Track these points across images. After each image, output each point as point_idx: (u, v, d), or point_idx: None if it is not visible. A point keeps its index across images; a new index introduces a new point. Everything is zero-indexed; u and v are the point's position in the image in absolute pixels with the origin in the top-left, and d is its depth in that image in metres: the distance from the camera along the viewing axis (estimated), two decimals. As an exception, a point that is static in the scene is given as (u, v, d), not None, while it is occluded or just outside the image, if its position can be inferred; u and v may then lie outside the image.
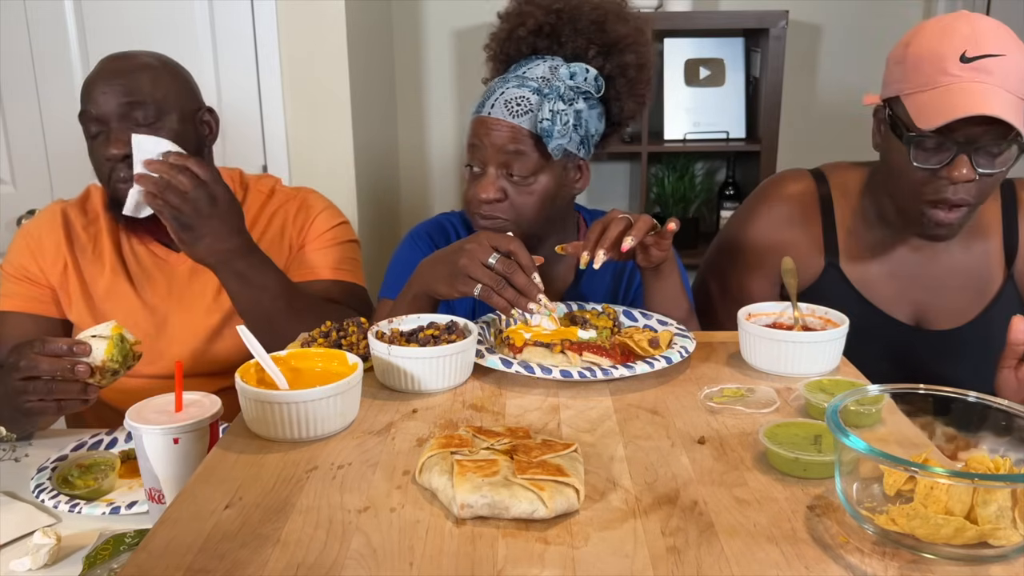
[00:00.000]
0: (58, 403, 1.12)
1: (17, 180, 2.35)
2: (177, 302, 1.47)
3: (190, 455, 0.97)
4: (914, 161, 1.20)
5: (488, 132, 1.31)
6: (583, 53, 1.33)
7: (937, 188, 1.20)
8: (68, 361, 1.09)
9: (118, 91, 1.34)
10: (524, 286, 1.12)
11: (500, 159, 1.31)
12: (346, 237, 1.58)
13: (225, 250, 1.28)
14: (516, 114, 1.30)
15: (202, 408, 1.00)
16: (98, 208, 1.50)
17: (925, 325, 1.40)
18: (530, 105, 1.29)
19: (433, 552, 0.70)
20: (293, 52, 2.24)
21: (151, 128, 1.35)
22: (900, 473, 0.73)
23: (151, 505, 1.01)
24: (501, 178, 1.32)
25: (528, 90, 1.30)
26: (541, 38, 1.35)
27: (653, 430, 0.92)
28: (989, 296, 1.38)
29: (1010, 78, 1.14)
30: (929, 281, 1.38)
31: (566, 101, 1.28)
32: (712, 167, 3.02)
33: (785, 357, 1.07)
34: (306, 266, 1.52)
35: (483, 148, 1.32)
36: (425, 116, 2.94)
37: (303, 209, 1.55)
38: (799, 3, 2.74)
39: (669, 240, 1.20)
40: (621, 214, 1.18)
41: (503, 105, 1.31)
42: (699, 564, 0.67)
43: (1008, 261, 1.37)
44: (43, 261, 1.46)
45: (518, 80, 1.32)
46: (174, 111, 1.39)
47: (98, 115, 1.35)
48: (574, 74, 1.29)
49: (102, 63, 1.39)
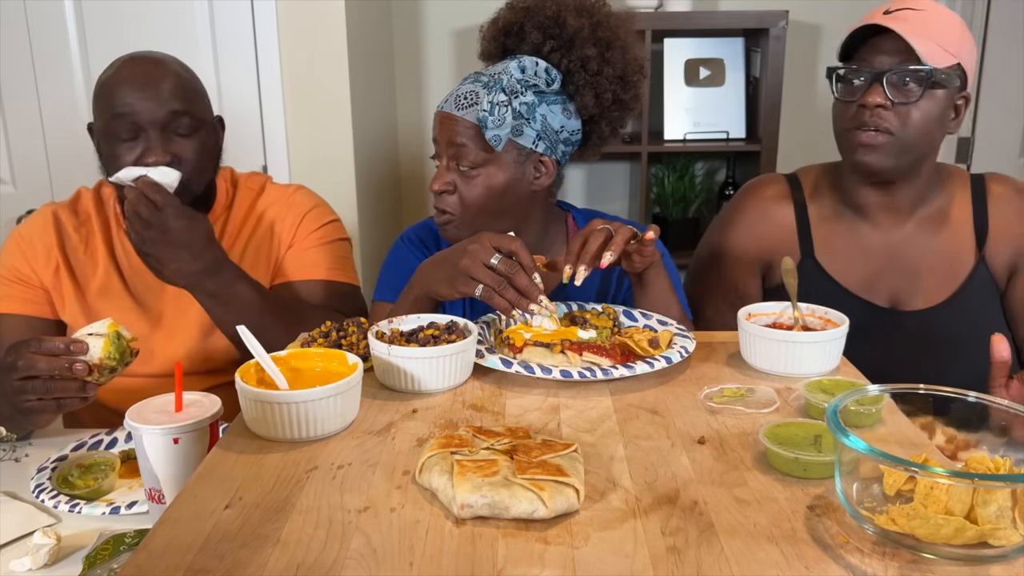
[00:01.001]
0: (57, 402, 1.12)
1: (17, 180, 2.35)
2: (171, 301, 1.46)
3: (190, 455, 0.97)
4: (836, 95, 1.35)
5: (439, 125, 1.36)
6: (540, 47, 1.35)
7: (857, 115, 1.33)
8: (66, 359, 1.09)
9: (160, 100, 1.34)
10: (526, 287, 1.12)
11: (450, 151, 1.34)
12: (337, 235, 1.57)
13: (191, 273, 1.29)
14: (462, 107, 1.32)
15: (202, 408, 1.00)
16: (89, 209, 1.50)
17: (901, 307, 1.46)
18: (476, 98, 1.32)
19: (433, 552, 0.70)
20: (293, 52, 2.24)
21: (187, 139, 1.37)
22: (900, 473, 0.73)
23: (151, 505, 1.01)
24: (452, 171, 1.35)
25: (479, 84, 1.33)
26: (510, 37, 1.38)
27: (653, 430, 0.92)
28: (961, 277, 1.45)
29: (928, 26, 1.29)
30: (903, 264, 1.45)
31: (508, 92, 1.30)
32: (712, 167, 3.02)
33: (785, 357, 1.07)
34: (296, 266, 1.52)
35: (439, 142, 1.36)
36: (425, 116, 2.94)
37: (292, 207, 1.54)
38: (799, 3, 2.74)
39: (651, 248, 1.20)
40: (601, 225, 1.18)
41: (454, 100, 1.34)
42: (699, 564, 0.67)
43: (979, 245, 1.44)
44: (35, 263, 1.46)
45: (475, 76, 1.35)
46: (205, 124, 1.42)
47: (137, 121, 1.33)
48: (524, 68, 1.32)
49: (129, 65, 1.37)
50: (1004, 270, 1.45)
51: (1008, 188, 1.46)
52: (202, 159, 1.40)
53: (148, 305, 1.47)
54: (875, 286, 1.45)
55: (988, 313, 1.45)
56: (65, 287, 1.46)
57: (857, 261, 1.46)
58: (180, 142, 1.36)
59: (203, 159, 1.41)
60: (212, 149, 1.44)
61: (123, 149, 1.35)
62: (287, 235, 1.53)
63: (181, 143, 1.37)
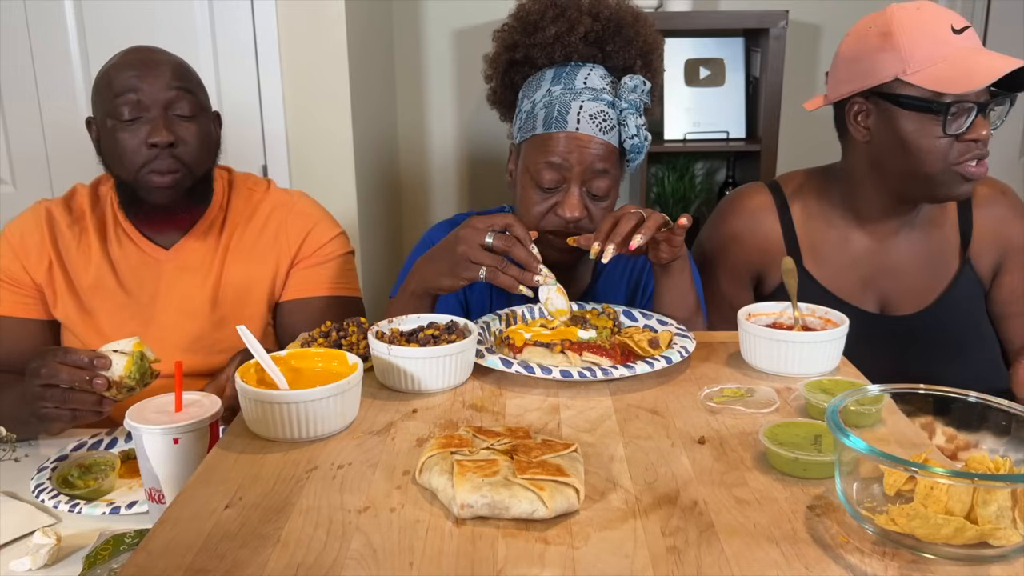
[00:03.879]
0: (73, 412, 1.13)
1: (17, 180, 2.34)
2: (165, 300, 1.46)
3: (190, 455, 0.97)
4: (947, 129, 1.27)
5: (578, 148, 1.25)
6: (632, 63, 1.31)
7: (964, 149, 1.29)
8: (88, 373, 1.10)
9: (163, 80, 1.36)
10: (525, 259, 1.12)
11: (585, 176, 1.26)
12: (343, 249, 1.57)
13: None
14: (604, 129, 1.25)
15: (202, 408, 1.00)
16: (84, 206, 1.50)
17: (889, 311, 1.46)
18: (612, 119, 1.26)
19: (433, 552, 0.70)
20: (293, 52, 2.24)
21: (189, 122, 1.38)
22: (900, 473, 0.73)
23: (151, 505, 1.01)
24: (584, 196, 1.28)
25: (603, 103, 1.26)
26: (588, 45, 1.30)
27: (653, 430, 0.92)
28: (947, 279, 1.46)
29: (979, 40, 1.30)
30: (890, 269, 1.45)
31: (641, 114, 1.26)
32: (712, 167, 3.02)
33: (785, 357, 1.07)
34: (301, 285, 1.52)
35: (568, 165, 1.25)
36: (425, 116, 2.94)
37: (299, 217, 1.54)
38: (799, 3, 2.74)
39: (681, 237, 1.19)
40: (634, 209, 1.17)
41: (589, 119, 1.25)
42: (699, 564, 0.67)
43: (964, 246, 1.46)
44: (27, 261, 1.45)
45: (592, 94, 1.27)
46: (206, 110, 1.43)
47: (141, 100, 1.35)
48: (636, 86, 1.26)
49: (130, 54, 1.39)
50: (988, 270, 1.46)
51: (992, 189, 1.47)
52: (202, 143, 1.41)
53: (142, 303, 1.47)
54: (864, 292, 1.46)
55: (975, 314, 1.46)
56: (58, 283, 1.46)
57: (845, 268, 1.46)
58: (182, 124, 1.38)
59: (203, 144, 1.42)
60: (212, 138, 1.45)
61: (127, 133, 1.35)
62: (292, 249, 1.52)
63: (183, 125, 1.38)
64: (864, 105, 1.36)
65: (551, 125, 1.27)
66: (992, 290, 1.47)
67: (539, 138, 1.28)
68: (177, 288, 1.47)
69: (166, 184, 1.38)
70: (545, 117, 1.28)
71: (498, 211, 1.53)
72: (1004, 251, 1.46)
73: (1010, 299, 1.47)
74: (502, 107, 1.43)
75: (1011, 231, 1.46)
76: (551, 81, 1.30)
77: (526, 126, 1.31)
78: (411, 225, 2.98)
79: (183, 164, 1.38)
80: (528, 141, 1.31)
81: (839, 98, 1.39)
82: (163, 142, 1.35)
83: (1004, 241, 1.45)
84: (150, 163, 1.36)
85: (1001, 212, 1.46)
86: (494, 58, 1.39)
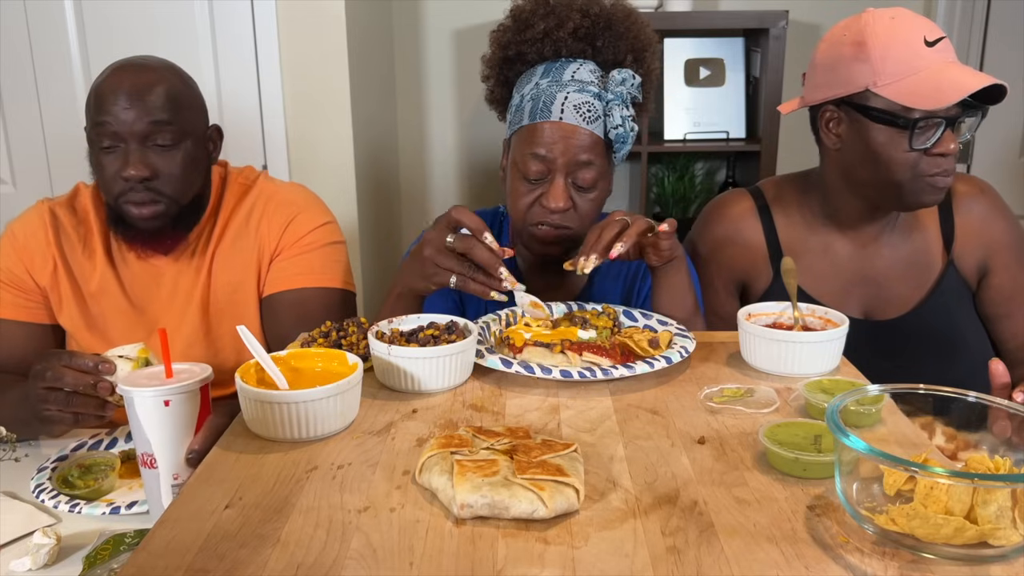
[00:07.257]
0: (75, 415, 1.12)
1: (17, 180, 2.34)
2: (166, 307, 1.45)
3: (182, 417, 0.96)
4: (913, 144, 1.27)
5: (562, 139, 1.25)
6: (622, 59, 1.31)
7: (932, 163, 1.28)
8: (92, 377, 1.10)
9: (141, 110, 1.31)
10: (486, 261, 1.11)
11: (570, 167, 1.26)
12: (329, 239, 1.51)
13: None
14: (588, 120, 1.25)
15: (192, 375, 0.99)
16: (88, 206, 1.46)
17: (874, 316, 1.45)
18: (597, 110, 1.26)
19: (433, 552, 0.70)
20: (293, 52, 2.24)
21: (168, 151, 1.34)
22: (900, 473, 0.73)
23: (145, 471, 0.99)
24: (568, 186, 1.27)
25: (589, 95, 1.26)
26: (577, 41, 1.31)
27: (653, 430, 0.92)
28: (931, 282, 1.45)
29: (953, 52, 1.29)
30: (873, 274, 1.44)
31: (628, 106, 1.26)
32: (712, 167, 3.02)
33: (785, 357, 1.07)
34: (284, 275, 1.47)
35: (552, 156, 1.25)
36: (425, 116, 2.94)
37: (281, 206, 1.49)
38: (799, 3, 2.74)
39: (667, 241, 1.18)
40: (619, 216, 1.16)
41: (573, 109, 1.25)
42: (699, 564, 0.67)
43: (947, 247, 1.45)
44: (31, 264, 1.43)
45: (578, 86, 1.27)
46: (191, 136, 1.38)
47: (117, 131, 1.31)
48: (624, 79, 1.26)
49: (118, 73, 1.34)
50: (973, 270, 1.45)
51: (972, 187, 1.46)
52: (185, 172, 1.37)
53: (144, 308, 1.46)
54: (847, 297, 1.45)
55: (960, 315, 1.45)
56: (63, 288, 1.44)
57: (828, 274, 1.45)
58: (160, 155, 1.33)
59: (187, 172, 1.37)
60: (199, 161, 1.40)
61: (106, 159, 1.33)
62: (272, 240, 1.47)
63: (161, 156, 1.33)
64: (836, 113, 1.35)
65: (536, 116, 1.27)
66: (981, 291, 1.46)
67: (525, 129, 1.29)
68: (178, 295, 1.45)
69: (145, 216, 1.35)
70: (531, 109, 1.28)
71: (492, 210, 1.54)
72: (988, 250, 1.44)
73: (999, 299, 1.45)
74: (499, 106, 1.43)
75: (993, 229, 1.44)
76: (540, 75, 1.31)
77: (514, 119, 1.33)
78: (411, 224, 2.97)
79: (163, 195, 1.35)
80: (516, 134, 1.32)
81: (813, 103, 1.39)
82: (135, 177, 1.31)
83: (987, 240, 1.44)
84: (126, 194, 1.34)
85: (982, 210, 1.44)
86: (490, 57, 1.40)
